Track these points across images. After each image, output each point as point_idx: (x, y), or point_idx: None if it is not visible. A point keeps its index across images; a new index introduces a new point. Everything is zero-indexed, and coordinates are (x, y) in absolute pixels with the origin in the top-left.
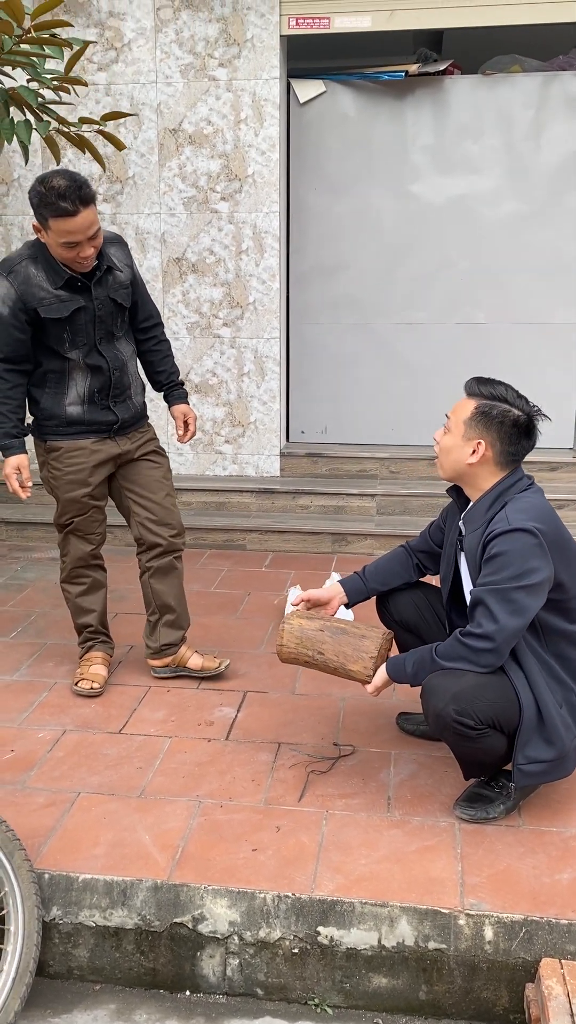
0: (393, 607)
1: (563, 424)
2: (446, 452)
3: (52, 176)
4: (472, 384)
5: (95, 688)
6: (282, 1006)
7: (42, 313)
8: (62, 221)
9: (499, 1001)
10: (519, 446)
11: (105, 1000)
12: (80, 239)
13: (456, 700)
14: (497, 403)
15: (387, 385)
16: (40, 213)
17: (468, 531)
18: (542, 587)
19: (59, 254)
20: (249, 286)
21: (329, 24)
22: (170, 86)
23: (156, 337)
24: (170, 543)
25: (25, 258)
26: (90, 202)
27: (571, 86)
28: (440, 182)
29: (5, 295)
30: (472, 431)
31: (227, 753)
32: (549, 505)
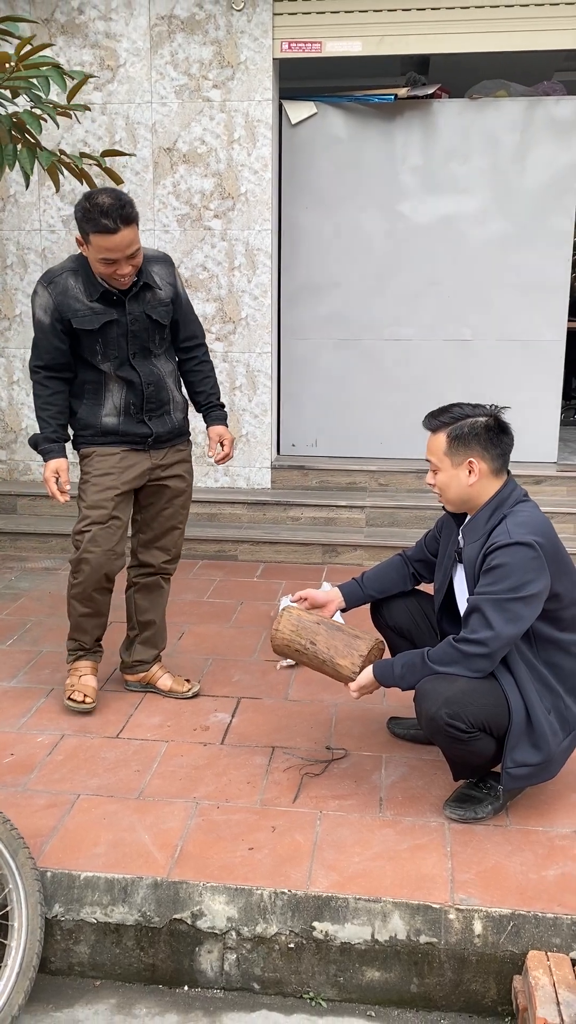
0: (387, 612)
1: (547, 439)
2: (446, 488)
3: (98, 193)
4: (430, 421)
5: (88, 703)
6: (278, 1000)
7: (74, 324)
8: (102, 238)
9: (488, 993)
10: (502, 445)
11: (105, 995)
12: (118, 257)
13: (448, 704)
14: (462, 421)
15: (376, 400)
16: (83, 228)
17: (467, 542)
18: (538, 598)
19: (97, 269)
20: (241, 302)
21: (321, 48)
22: (165, 106)
23: (197, 358)
24: (160, 567)
25: (67, 270)
26: (132, 222)
27: (555, 111)
28: (428, 202)
29: (45, 304)
30: (458, 456)
31: (223, 757)
32: (546, 518)
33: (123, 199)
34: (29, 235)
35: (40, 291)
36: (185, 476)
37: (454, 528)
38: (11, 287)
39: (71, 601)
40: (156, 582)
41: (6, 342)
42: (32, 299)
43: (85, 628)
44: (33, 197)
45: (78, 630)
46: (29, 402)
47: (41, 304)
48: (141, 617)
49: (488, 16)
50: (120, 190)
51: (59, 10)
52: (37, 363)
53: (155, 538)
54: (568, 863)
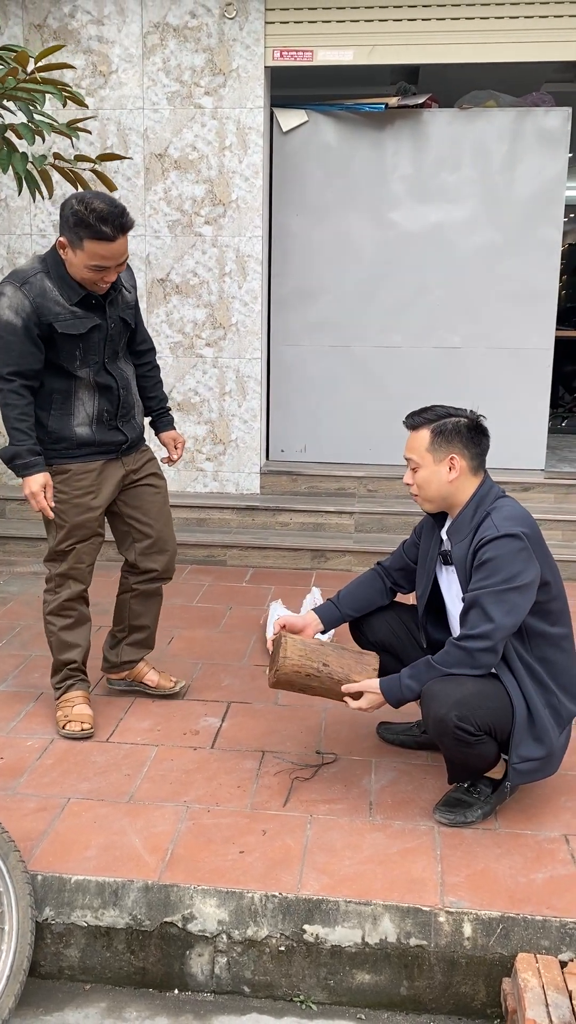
0: (367, 629)
1: (535, 446)
2: (426, 484)
3: (93, 198)
4: (412, 419)
5: (86, 729)
6: (268, 1003)
7: (59, 328)
8: (99, 245)
9: (477, 995)
10: (482, 445)
11: (96, 999)
12: (110, 264)
13: (459, 706)
14: (445, 419)
15: (365, 406)
16: (76, 233)
17: (455, 542)
18: (532, 586)
19: (81, 274)
20: (232, 308)
21: (312, 57)
22: (156, 112)
23: (150, 362)
24: (166, 569)
25: (39, 271)
26: (128, 230)
27: (543, 122)
28: (418, 211)
29: (19, 306)
30: (440, 452)
31: (213, 761)
32: (526, 510)
33: (119, 206)
34: (20, 239)
35: (10, 292)
36: (159, 472)
37: (435, 530)
38: None
39: (50, 619)
40: (156, 589)
41: None
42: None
43: (71, 642)
44: (24, 201)
45: (62, 647)
46: None
47: (12, 305)
48: (135, 621)
49: (478, 27)
50: (112, 196)
51: (51, 15)
52: (10, 370)
53: (156, 541)
54: (557, 866)
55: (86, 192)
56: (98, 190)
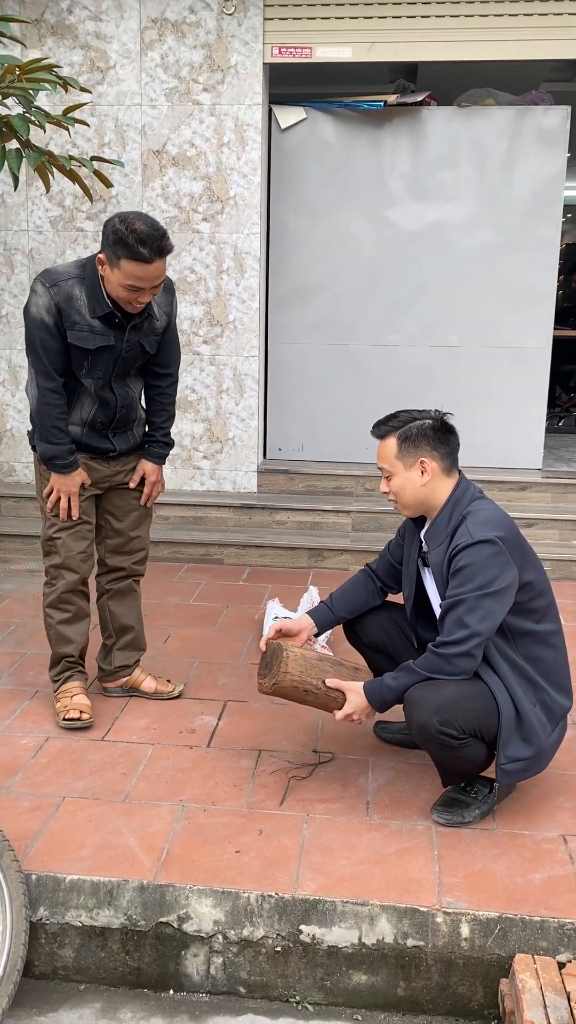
0: (360, 630)
1: (532, 445)
2: (401, 491)
3: (135, 218)
4: (378, 428)
5: (85, 718)
6: (264, 1004)
7: (69, 338)
8: (136, 265)
9: (474, 996)
10: (450, 444)
11: (90, 999)
12: (145, 286)
13: (439, 711)
14: (410, 424)
15: (362, 405)
16: (114, 251)
17: (432, 547)
18: (508, 591)
19: (116, 292)
20: (229, 305)
21: (311, 53)
22: (154, 108)
23: (161, 387)
24: (131, 569)
25: (73, 276)
26: (167, 254)
27: (542, 120)
28: (416, 209)
29: (48, 305)
30: (409, 457)
31: (209, 760)
32: (503, 512)
33: (160, 228)
34: (16, 236)
35: (40, 291)
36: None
37: (415, 533)
38: None
39: (48, 612)
40: (128, 586)
41: None
42: (30, 298)
43: (68, 636)
44: (21, 197)
45: (60, 640)
46: (15, 403)
47: (43, 304)
48: (117, 623)
49: (477, 25)
50: (154, 218)
51: (49, 10)
52: (51, 369)
53: (124, 543)
54: (555, 866)
55: (129, 212)
56: (94, 187)
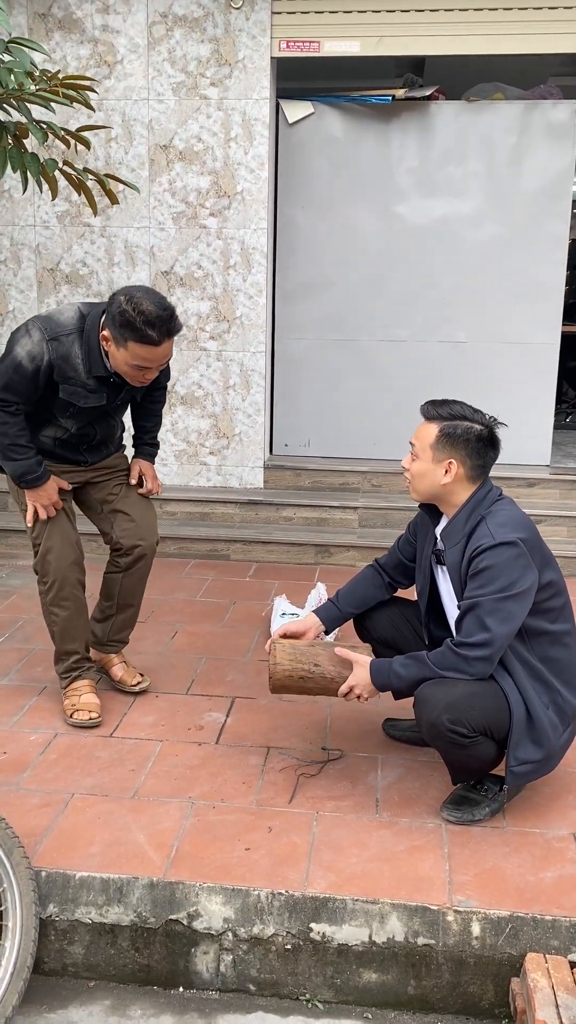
0: (370, 625)
1: (540, 441)
2: (419, 477)
3: (142, 298)
4: (429, 408)
5: (94, 718)
6: (274, 1001)
7: (61, 393)
8: (143, 348)
9: (485, 995)
10: (487, 458)
11: (100, 996)
12: (153, 366)
13: (449, 709)
14: (459, 422)
15: (369, 400)
16: (121, 333)
17: (448, 546)
18: (529, 594)
19: (122, 369)
20: (236, 301)
21: (319, 48)
22: (162, 103)
23: (152, 397)
24: (150, 546)
25: (73, 331)
26: (176, 334)
27: (551, 115)
28: (424, 204)
29: (38, 355)
30: (441, 453)
31: (217, 756)
32: (523, 512)
33: (168, 308)
34: (23, 231)
35: (36, 338)
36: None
37: (429, 529)
38: (4, 283)
39: (49, 610)
40: (145, 565)
41: None
42: (18, 337)
43: (73, 633)
44: (28, 193)
45: (66, 639)
46: None
47: (32, 353)
48: (124, 599)
49: (486, 19)
50: (160, 294)
51: (56, 4)
52: (10, 397)
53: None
54: (566, 865)
55: (135, 289)
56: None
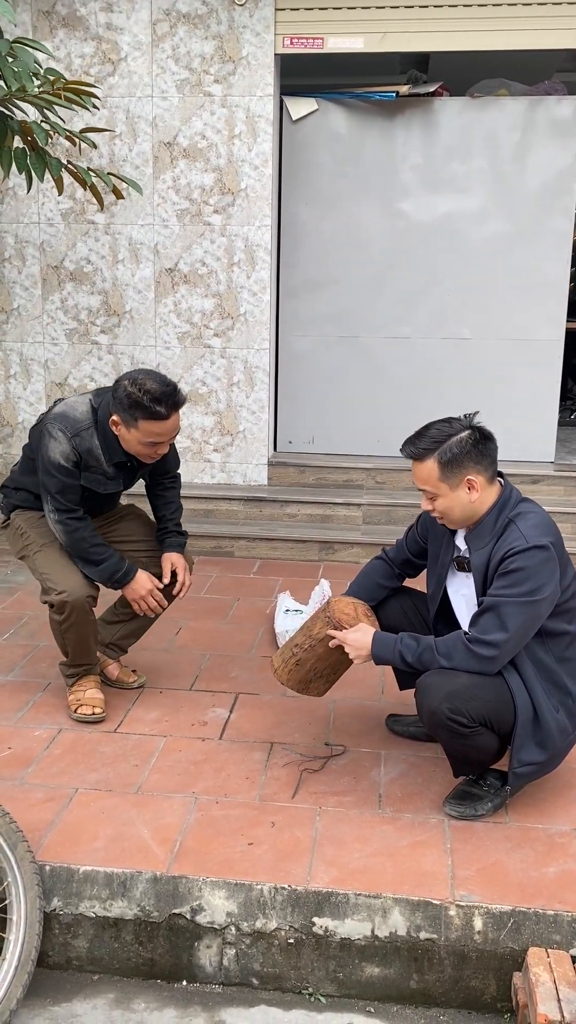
0: (381, 614)
1: (545, 438)
2: (449, 511)
3: (145, 379)
4: (411, 449)
5: (97, 713)
6: (277, 995)
7: (84, 481)
8: (154, 424)
9: (487, 989)
10: (490, 453)
11: (104, 990)
12: (164, 440)
13: (450, 698)
14: (446, 442)
15: (373, 397)
16: (130, 414)
17: (475, 548)
18: (551, 599)
19: (135, 449)
20: (240, 298)
21: (323, 44)
22: (165, 100)
23: (164, 484)
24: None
25: (90, 426)
26: (181, 407)
27: (555, 111)
28: (428, 201)
29: (70, 452)
30: (454, 478)
31: (221, 752)
32: (548, 515)
33: (170, 383)
34: (28, 228)
35: (60, 437)
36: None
37: (445, 534)
38: (9, 280)
39: (67, 635)
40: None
41: (3, 335)
42: (47, 442)
43: (87, 648)
44: (32, 190)
45: (79, 655)
46: (27, 396)
47: (63, 452)
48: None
49: (490, 15)
50: (160, 373)
51: (60, 2)
52: (69, 506)
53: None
54: (568, 860)
55: (136, 372)
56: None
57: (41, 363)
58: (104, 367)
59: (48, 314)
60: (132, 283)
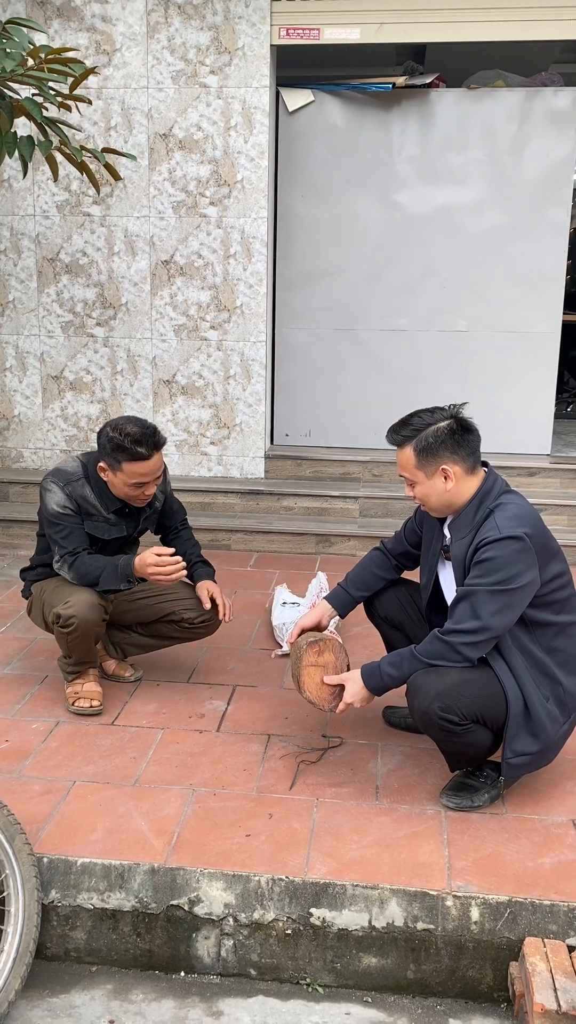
0: (378, 605)
1: (541, 431)
2: (427, 497)
3: (125, 423)
4: (393, 436)
5: (95, 706)
6: (274, 985)
7: (87, 528)
8: (137, 464)
9: (484, 979)
10: (470, 444)
11: (102, 981)
12: (149, 480)
13: (440, 698)
14: (425, 431)
15: (370, 390)
16: (114, 458)
17: (455, 538)
18: (527, 589)
19: (123, 492)
20: (236, 290)
21: (319, 35)
22: (161, 91)
23: (176, 529)
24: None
25: (80, 477)
26: (161, 447)
27: (552, 102)
28: (425, 192)
29: (65, 501)
30: (430, 466)
31: (219, 744)
32: (531, 507)
33: (150, 426)
34: (23, 220)
35: (55, 489)
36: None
37: (436, 525)
38: (4, 273)
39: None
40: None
41: None
42: (45, 497)
43: (92, 651)
44: (27, 182)
45: (83, 656)
46: (22, 389)
47: (60, 501)
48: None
49: (487, 5)
50: (140, 418)
51: None
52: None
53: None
54: (564, 851)
55: (117, 419)
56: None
57: (37, 356)
58: (100, 360)
59: (44, 307)
60: (128, 275)
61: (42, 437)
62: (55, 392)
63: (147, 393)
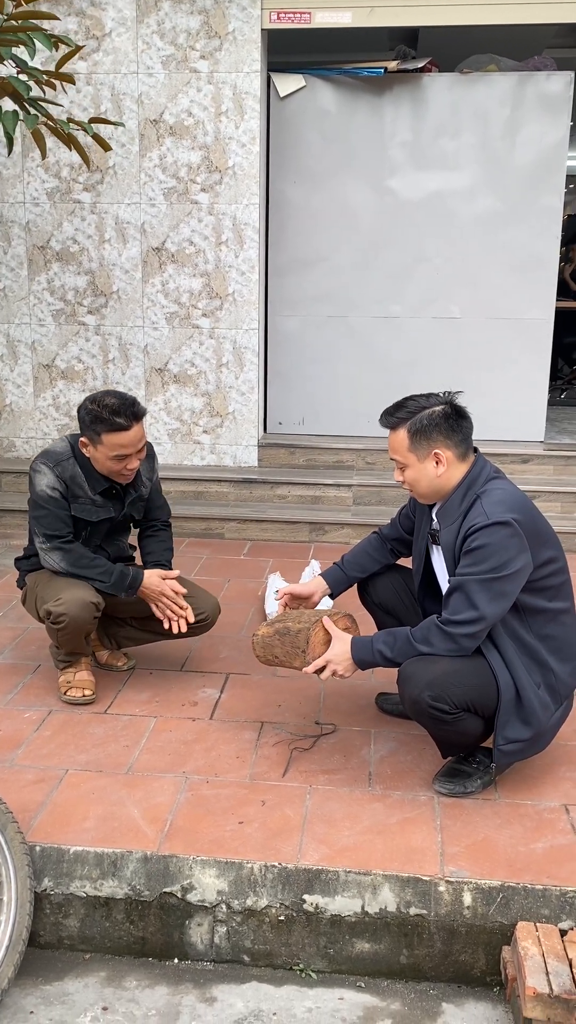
0: (372, 590)
1: (534, 418)
2: (416, 482)
3: (103, 396)
4: (387, 419)
5: (87, 695)
6: (268, 971)
7: (74, 511)
8: (117, 435)
9: (477, 964)
10: (463, 430)
11: (95, 968)
12: (130, 452)
13: (431, 686)
14: (419, 414)
15: (363, 377)
16: (93, 429)
17: (444, 525)
18: (520, 574)
19: (107, 467)
20: (228, 277)
21: (310, 19)
22: (151, 77)
23: (156, 526)
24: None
25: (70, 457)
26: (141, 417)
27: (545, 86)
28: (417, 178)
29: (55, 483)
30: (422, 450)
31: (212, 732)
32: (520, 491)
33: (129, 397)
34: (13, 208)
35: (45, 471)
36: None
37: (427, 509)
38: None
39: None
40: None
41: None
42: (34, 478)
43: (83, 644)
44: (17, 169)
45: (77, 648)
46: (13, 378)
47: (49, 483)
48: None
49: None
50: (120, 390)
51: None
52: (58, 533)
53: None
54: (557, 836)
55: (97, 393)
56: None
57: (28, 344)
58: (92, 348)
59: (35, 295)
60: (119, 263)
61: (34, 426)
62: (47, 381)
63: (139, 381)
